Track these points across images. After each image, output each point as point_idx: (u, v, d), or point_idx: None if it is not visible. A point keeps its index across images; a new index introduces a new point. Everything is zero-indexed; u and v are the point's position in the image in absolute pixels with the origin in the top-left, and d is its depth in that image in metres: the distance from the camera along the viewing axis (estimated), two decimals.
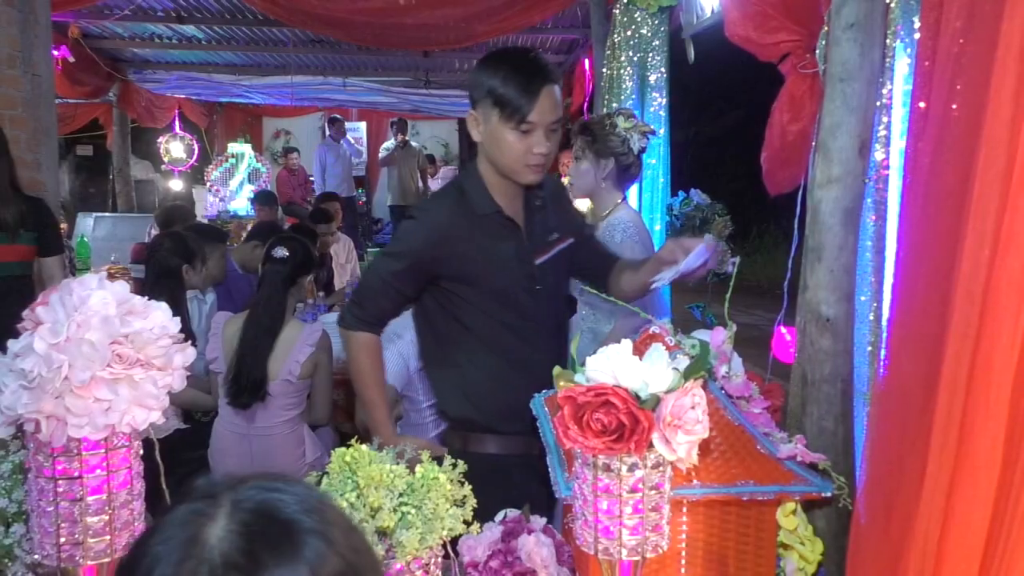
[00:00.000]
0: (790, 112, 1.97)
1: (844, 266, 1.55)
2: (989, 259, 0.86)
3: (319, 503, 0.68)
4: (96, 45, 7.17)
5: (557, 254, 1.94)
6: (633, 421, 0.98)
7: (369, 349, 1.95)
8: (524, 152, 1.77)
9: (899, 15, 1.44)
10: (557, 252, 1.94)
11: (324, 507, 0.68)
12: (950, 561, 0.90)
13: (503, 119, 1.75)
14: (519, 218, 1.91)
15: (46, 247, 3.22)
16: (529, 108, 1.72)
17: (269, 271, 2.79)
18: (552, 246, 1.94)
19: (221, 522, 0.63)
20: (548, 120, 1.75)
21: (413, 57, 7.69)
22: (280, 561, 0.62)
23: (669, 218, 4.15)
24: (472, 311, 1.87)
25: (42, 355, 1.01)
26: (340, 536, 0.67)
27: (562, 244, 1.96)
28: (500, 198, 1.87)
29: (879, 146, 1.49)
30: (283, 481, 0.69)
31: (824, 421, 1.58)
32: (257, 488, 0.67)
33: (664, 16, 3.79)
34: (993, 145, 0.86)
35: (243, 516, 0.64)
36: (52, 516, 1.06)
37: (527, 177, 1.81)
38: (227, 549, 0.62)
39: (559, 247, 1.95)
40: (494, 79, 1.75)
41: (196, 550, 0.62)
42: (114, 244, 6.67)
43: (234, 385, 2.65)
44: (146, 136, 10.33)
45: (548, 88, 1.74)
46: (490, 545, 1.33)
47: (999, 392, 0.86)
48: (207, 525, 0.63)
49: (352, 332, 1.94)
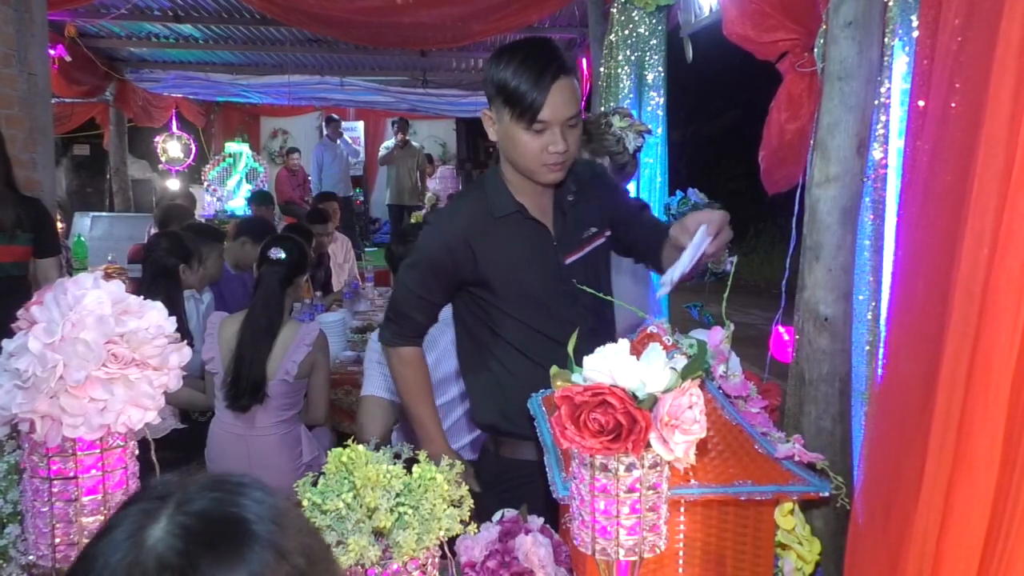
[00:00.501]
0: (788, 111, 1.96)
1: (842, 265, 1.55)
2: (988, 258, 0.86)
3: (275, 510, 0.67)
4: (93, 44, 7.15)
5: (593, 251, 1.85)
6: (630, 421, 0.98)
7: (410, 363, 1.91)
8: (539, 151, 1.67)
9: (897, 13, 1.44)
10: (593, 249, 1.85)
11: (280, 515, 0.67)
12: (949, 561, 0.90)
13: (515, 118, 1.65)
14: (547, 217, 1.82)
15: (43, 248, 3.22)
16: (540, 106, 1.62)
17: (266, 272, 2.78)
18: (586, 243, 1.84)
19: (162, 523, 0.63)
20: (563, 117, 1.64)
21: (410, 56, 7.68)
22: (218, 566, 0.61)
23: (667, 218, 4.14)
24: (500, 316, 1.81)
25: (37, 354, 1.01)
26: (294, 545, 0.65)
27: (597, 241, 1.86)
28: (524, 197, 1.79)
29: (877, 145, 1.49)
30: (240, 485, 0.68)
31: (822, 421, 1.58)
32: (207, 491, 0.66)
33: (662, 15, 3.78)
34: (992, 144, 0.85)
35: (184, 519, 0.63)
36: (47, 517, 1.06)
37: (546, 177, 1.72)
38: (163, 550, 0.61)
39: (594, 244, 1.85)
40: (504, 74, 1.64)
41: (134, 551, 0.61)
42: (111, 244, 6.66)
43: (233, 388, 2.64)
44: (143, 135, 10.31)
45: (561, 83, 1.63)
46: (487, 545, 1.32)
47: (998, 391, 0.86)
48: (148, 526, 0.63)
49: (392, 348, 1.91)
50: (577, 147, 1.74)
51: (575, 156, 1.74)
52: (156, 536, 0.62)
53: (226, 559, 0.61)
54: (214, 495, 0.66)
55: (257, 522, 0.64)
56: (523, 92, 1.62)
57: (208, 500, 0.65)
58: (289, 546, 0.65)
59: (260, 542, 0.63)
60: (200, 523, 0.63)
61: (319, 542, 0.72)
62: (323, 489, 1.14)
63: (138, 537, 0.62)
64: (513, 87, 1.63)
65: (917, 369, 0.97)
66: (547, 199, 1.82)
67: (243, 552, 0.62)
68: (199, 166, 10.37)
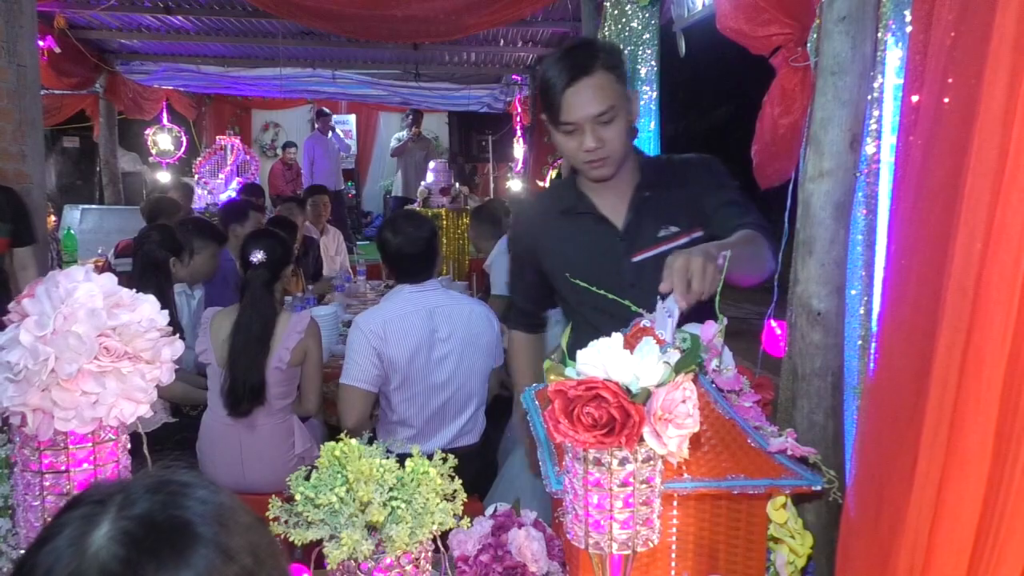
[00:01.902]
0: (781, 105, 1.96)
1: (835, 260, 1.56)
2: (981, 253, 0.86)
3: (220, 509, 0.65)
4: (82, 35, 7.10)
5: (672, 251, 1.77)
6: (624, 415, 0.98)
7: (518, 348, 2.04)
8: (576, 151, 1.71)
9: (891, 8, 1.44)
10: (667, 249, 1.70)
11: (225, 514, 0.65)
12: (940, 554, 0.91)
13: (550, 121, 1.73)
14: (618, 213, 1.81)
15: (19, 237, 3.20)
16: (559, 107, 1.67)
17: (251, 277, 2.73)
18: (663, 242, 1.76)
19: (104, 528, 0.61)
20: (587, 115, 1.66)
21: (403, 50, 7.64)
22: (163, 572, 0.59)
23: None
24: (568, 309, 1.89)
25: (28, 348, 1.00)
26: (241, 544, 0.64)
27: (680, 240, 1.76)
28: (594, 195, 1.81)
29: (870, 140, 1.49)
30: (184, 486, 0.66)
31: (814, 415, 1.59)
32: (150, 493, 0.65)
33: (655, 9, 3.78)
34: (985, 139, 0.85)
35: (126, 524, 0.62)
36: (38, 511, 1.05)
37: (590, 174, 1.75)
38: (105, 559, 0.59)
39: (670, 244, 1.74)
40: (541, 78, 1.72)
41: (76, 560, 0.60)
42: (101, 236, 6.63)
43: (231, 396, 2.62)
44: (133, 128, 10.24)
45: (580, 83, 1.65)
46: (480, 539, 1.33)
47: (990, 386, 0.86)
48: (90, 533, 0.61)
49: (510, 331, 2.04)
50: (622, 141, 1.73)
51: (620, 150, 1.73)
52: (98, 543, 0.60)
53: (170, 564, 0.60)
54: (157, 498, 0.64)
55: (201, 524, 0.63)
56: (547, 95, 1.69)
57: (150, 503, 0.64)
58: (235, 546, 0.64)
59: (205, 544, 0.62)
60: (143, 528, 0.61)
61: (267, 539, 0.71)
62: (316, 483, 1.13)
63: (80, 544, 0.60)
64: (542, 91, 1.70)
65: (910, 364, 0.97)
66: (619, 196, 1.82)
67: (188, 556, 0.61)
68: (190, 159, 10.31)
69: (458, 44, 7.18)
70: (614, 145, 1.71)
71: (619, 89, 1.69)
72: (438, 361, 2.58)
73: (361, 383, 2.53)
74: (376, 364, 2.53)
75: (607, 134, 1.69)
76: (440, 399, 2.59)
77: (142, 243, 3.26)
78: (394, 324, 2.52)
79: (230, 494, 0.69)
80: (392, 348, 2.51)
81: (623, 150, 1.74)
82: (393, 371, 2.54)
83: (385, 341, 2.50)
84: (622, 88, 1.71)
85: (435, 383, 2.58)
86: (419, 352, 2.53)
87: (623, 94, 1.71)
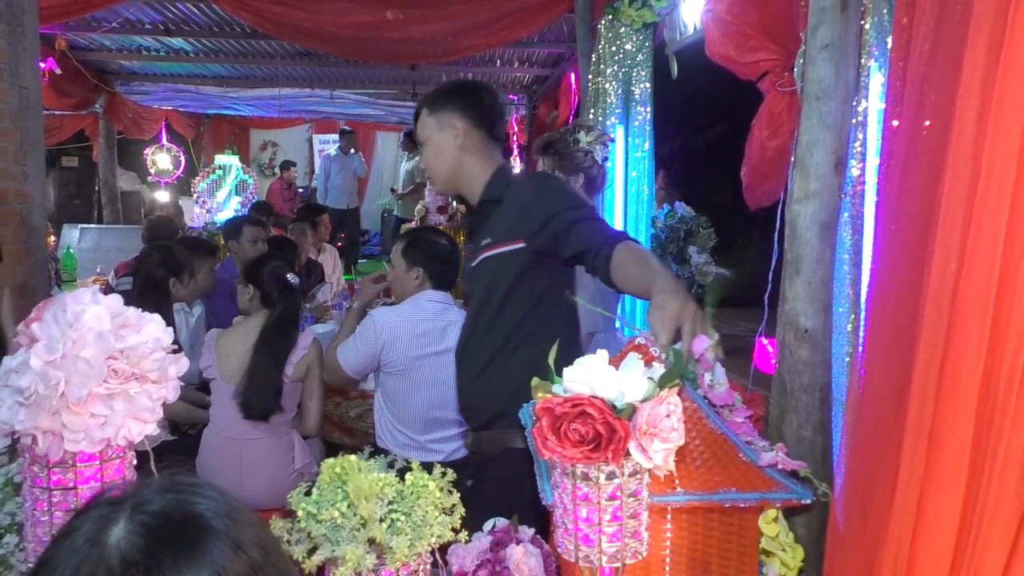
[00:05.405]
0: (769, 128, 2.01)
1: (822, 279, 1.59)
2: (956, 273, 0.90)
3: (229, 506, 0.69)
4: (83, 57, 7.15)
5: (487, 259, 1.94)
6: (610, 431, 1.00)
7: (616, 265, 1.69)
8: None
9: (873, 36, 1.48)
10: (487, 258, 1.94)
11: (234, 510, 0.69)
12: (922, 564, 0.94)
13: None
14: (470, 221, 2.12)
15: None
16: None
17: (286, 302, 2.84)
18: (481, 251, 1.96)
19: (121, 524, 0.64)
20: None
21: (400, 70, 7.71)
22: (182, 561, 0.62)
23: (654, 231, 4.18)
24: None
25: (39, 372, 1.02)
26: (250, 538, 0.67)
27: (491, 251, 1.92)
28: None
29: (855, 162, 1.53)
30: (193, 485, 0.70)
31: (803, 430, 1.62)
32: (162, 492, 0.68)
33: (648, 32, 3.83)
34: (958, 164, 0.89)
35: (144, 518, 0.64)
36: (46, 526, 1.07)
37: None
38: (126, 548, 0.62)
39: (487, 253, 1.93)
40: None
41: (95, 552, 0.62)
42: (100, 256, 6.66)
43: (248, 396, 2.70)
44: (132, 148, 10.28)
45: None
46: (479, 555, 1.35)
47: (966, 400, 0.90)
48: (108, 528, 0.64)
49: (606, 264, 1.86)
50: (437, 162, 2.02)
51: (431, 171, 2.06)
52: (117, 536, 0.63)
53: (189, 553, 0.63)
54: (170, 495, 0.67)
55: (214, 518, 0.66)
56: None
57: (165, 500, 0.67)
58: (245, 539, 0.67)
59: (218, 536, 0.65)
60: (159, 521, 0.65)
61: (270, 536, 0.74)
62: (318, 499, 1.16)
63: (98, 539, 0.63)
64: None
65: (891, 380, 1.01)
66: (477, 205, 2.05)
67: (204, 546, 0.64)
68: (188, 178, 10.35)
69: (455, 64, 7.24)
70: (429, 164, 2.05)
71: (429, 122, 2.00)
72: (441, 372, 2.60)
73: (348, 368, 2.65)
74: (370, 363, 2.61)
75: (424, 156, 2.06)
76: (440, 412, 2.61)
77: (143, 262, 3.30)
78: (404, 328, 2.57)
79: (234, 496, 0.72)
80: (396, 352, 2.56)
81: (441, 168, 2.02)
82: (394, 371, 2.57)
83: (392, 343, 2.55)
84: (433, 120, 2.00)
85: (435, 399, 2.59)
86: (423, 360, 2.56)
87: (433, 125, 2.00)
